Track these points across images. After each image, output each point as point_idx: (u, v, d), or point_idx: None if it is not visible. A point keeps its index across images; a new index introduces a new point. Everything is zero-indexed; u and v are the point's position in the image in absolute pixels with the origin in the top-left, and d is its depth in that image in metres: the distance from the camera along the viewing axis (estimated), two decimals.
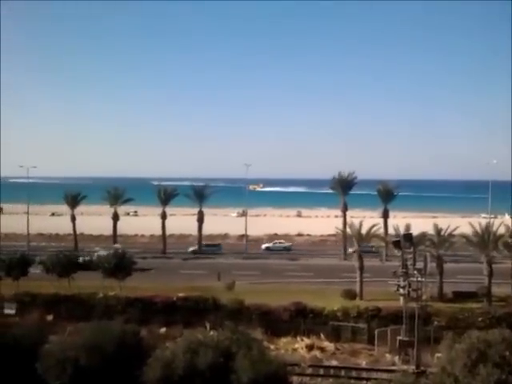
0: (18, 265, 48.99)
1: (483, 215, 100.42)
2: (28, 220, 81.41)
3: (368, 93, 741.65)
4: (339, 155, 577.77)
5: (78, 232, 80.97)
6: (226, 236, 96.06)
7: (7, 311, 39.57)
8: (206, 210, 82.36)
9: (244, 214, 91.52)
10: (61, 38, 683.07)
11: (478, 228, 49.20)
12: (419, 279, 32.91)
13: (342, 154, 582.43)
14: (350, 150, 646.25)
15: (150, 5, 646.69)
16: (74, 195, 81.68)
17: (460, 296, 46.69)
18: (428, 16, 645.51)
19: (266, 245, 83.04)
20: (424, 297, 34.43)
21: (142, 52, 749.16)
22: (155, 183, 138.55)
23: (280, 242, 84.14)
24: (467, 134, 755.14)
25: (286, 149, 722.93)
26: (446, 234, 49.73)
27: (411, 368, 30.59)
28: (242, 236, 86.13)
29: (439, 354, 28.14)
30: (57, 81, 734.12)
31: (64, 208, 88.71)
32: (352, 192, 79.67)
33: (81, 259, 56.83)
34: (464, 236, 51.69)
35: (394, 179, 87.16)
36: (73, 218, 79.95)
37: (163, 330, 38.11)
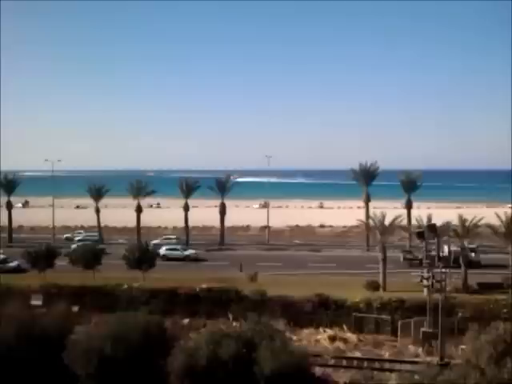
0: (44, 257, 49.82)
1: (509, 205, 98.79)
2: (53, 213, 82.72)
3: (390, 84, 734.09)
4: (361, 146, 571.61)
5: (102, 224, 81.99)
6: (247, 228, 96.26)
7: (34, 302, 40.22)
8: (228, 202, 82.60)
9: (266, 206, 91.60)
10: (78, 30, 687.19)
11: (503, 218, 48.38)
12: (443, 270, 32.55)
13: (364, 145, 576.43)
14: (373, 140, 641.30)
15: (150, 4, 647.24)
16: (97, 188, 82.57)
17: (485, 287, 46.00)
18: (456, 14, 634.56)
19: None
20: (448, 288, 34.08)
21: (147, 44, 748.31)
22: (151, 174, 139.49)
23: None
24: (493, 123, 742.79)
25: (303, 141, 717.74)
26: (471, 225, 48.99)
27: (435, 360, 30.32)
28: (265, 227, 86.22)
29: (464, 346, 27.89)
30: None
31: (88, 201, 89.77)
32: (375, 183, 79.01)
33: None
34: (489, 226, 50.94)
35: (417, 169, 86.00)
36: (97, 211, 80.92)
37: (186, 320, 38.44)
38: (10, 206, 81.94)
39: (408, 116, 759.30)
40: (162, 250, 63.39)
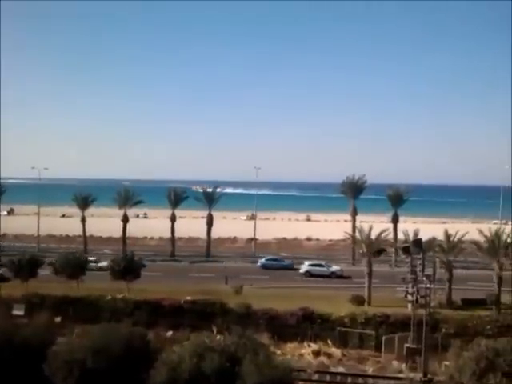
0: (28, 266, 49.31)
1: (494, 221, 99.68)
2: (38, 221, 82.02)
3: (380, 95, 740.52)
4: (349, 159, 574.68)
5: (87, 234, 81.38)
6: (234, 239, 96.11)
7: (16, 312, 39.73)
8: (215, 213, 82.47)
9: (253, 218, 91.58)
10: (70, 37, 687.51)
11: (488, 234, 48.83)
12: (428, 286, 32.70)
13: (352, 158, 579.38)
14: (360, 154, 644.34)
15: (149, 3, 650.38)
16: (84, 197, 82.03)
17: (469, 303, 46.33)
18: (450, 19, 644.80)
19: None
20: (432, 303, 34.22)
21: (146, 48, 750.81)
22: (127, 183, 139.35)
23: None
24: (481, 138, 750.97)
25: (295, 151, 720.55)
26: (456, 240, 49.35)
27: (418, 376, 30.39)
28: (251, 240, 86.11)
29: (447, 362, 28.01)
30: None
31: (74, 210, 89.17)
32: (363, 196, 79.44)
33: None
34: (474, 242, 51.34)
35: (408, 183, 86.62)
36: (83, 220, 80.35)
37: (170, 333, 38.12)
38: None
39: (402, 130, 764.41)
40: (305, 266, 62.90)
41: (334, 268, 64.26)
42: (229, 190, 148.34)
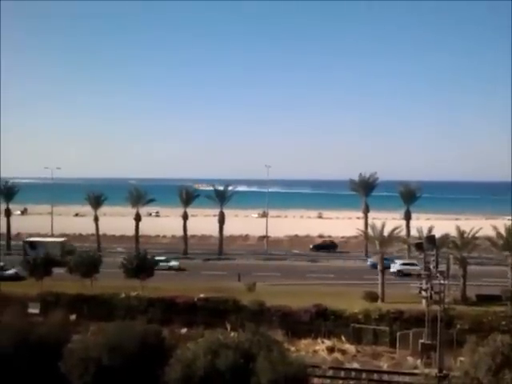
0: (42, 265, 49.72)
1: (508, 217, 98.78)
2: (52, 220, 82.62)
3: (379, 94, 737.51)
4: (361, 156, 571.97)
5: (100, 232, 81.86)
6: (246, 237, 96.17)
7: (31, 310, 40.11)
8: (227, 211, 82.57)
9: (265, 215, 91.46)
10: (78, 37, 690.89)
11: (502, 230, 48.40)
12: (442, 282, 32.47)
13: (364, 155, 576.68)
14: (374, 151, 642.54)
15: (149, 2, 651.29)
16: (96, 196, 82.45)
17: (484, 299, 45.98)
18: (453, 18, 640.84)
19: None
20: (447, 299, 34.00)
21: (150, 47, 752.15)
22: (133, 182, 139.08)
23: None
24: (493, 135, 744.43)
25: (302, 149, 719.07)
26: (470, 236, 49.00)
27: (433, 372, 30.19)
28: (263, 237, 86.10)
29: (462, 358, 27.84)
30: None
31: (86, 209, 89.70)
32: (374, 193, 79.14)
33: None
34: (488, 238, 50.94)
35: (416, 180, 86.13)
36: (96, 219, 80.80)
37: (184, 330, 38.30)
38: (8, 213, 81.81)
39: (410, 127, 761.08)
40: (397, 266, 61.99)
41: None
42: (242, 188, 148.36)
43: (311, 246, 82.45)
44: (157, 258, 58.13)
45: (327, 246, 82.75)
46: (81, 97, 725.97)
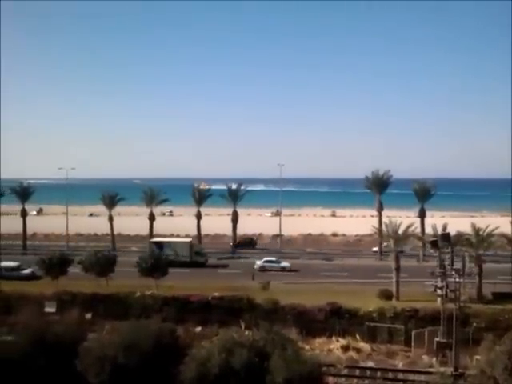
0: (58, 264, 50.17)
1: None
2: (67, 220, 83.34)
3: (380, 93, 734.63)
4: (371, 155, 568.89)
5: (115, 232, 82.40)
6: (260, 236, 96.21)
7: (48, 309, 40.56)
8: (240, 210, 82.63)
9: (278, 214, 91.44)
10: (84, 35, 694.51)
11: None
12: (457, 280, 32.27)
13: (373, 153, 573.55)
14: (382, 149, 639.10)
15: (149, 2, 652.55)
16: (111, 196, 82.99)
17: (500, 297, 45.51)
18: (456, 17, 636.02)
19: None
20: (462, 297, 33.79)
21: (153, 47, 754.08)
22: (137, 181, 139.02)
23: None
24: (507, 131, 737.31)
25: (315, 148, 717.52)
26: (485, 234, 48.56)
27: (449, 370, 30.04)
28: (277, 236, 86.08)
29: (478, 357, 27.63)
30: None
31: (102, 208, 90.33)
32: (387, 191, 78.68)
33: None
34: (504, 235, 50.44)
35: (431, 178, 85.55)
36: (110, 219, 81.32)
37: (199, 329, 38.50)
38: (24, 213, 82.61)
39: (418, 125, 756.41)
40: (260, 262, 63.34)
41: None
42: (259, 187, 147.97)
43: (231, 244, 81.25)
44: (267, 258, 63.80)
45: (246, 243, 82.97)
46: (81, 97, 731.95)
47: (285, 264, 64.01)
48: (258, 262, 63.37)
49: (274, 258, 65.53)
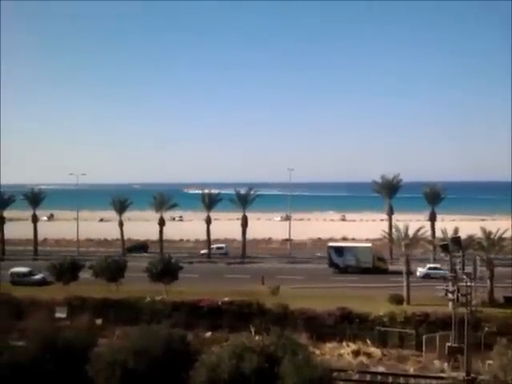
0: (69, 269, 50.43)
1: None
2: (77, 226, 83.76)
3: (379, 93, 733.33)
4: (378, 159, 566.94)
5: (125, 237, 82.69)
6: (269, 240, 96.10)
7: (58, 315, 40.75)
8: (249, 215, 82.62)
9: (288, 219, 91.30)
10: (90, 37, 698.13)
11: None
12: (468, 284, 32.02)
13: (380, 158, 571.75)
14: (389, 153, 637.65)
15: (149, 3, 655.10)
16: (121, 201, 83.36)
17: (511, 301, 45.15)
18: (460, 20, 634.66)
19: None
20: (473, 302, 33.53)
21: (154, 50, 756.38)
22: (137, 187, 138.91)
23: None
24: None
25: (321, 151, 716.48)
26: (496, 237, 48.20)
27: (461, 375, 29.79)
28: (286, 240, 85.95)
29: (490, 361, 27.37)
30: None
31: (112, 214, 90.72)
32: (398, 195, 78.43)
33: None
34: None
35: (441, 181, 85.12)
36: (120, 224, 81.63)
37: (209, 334, 38.47)
38: (35, 219, 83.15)
39: (424, 128, 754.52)
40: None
41: None
42: (270, 192, 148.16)
43: (125, 248, 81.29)
44: (431, 265, 59.86)
45: (139, 248, 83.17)
46: (80, 100, 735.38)
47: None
48: (421, 270, 59.83)
49: (437, 265, 59.40)
